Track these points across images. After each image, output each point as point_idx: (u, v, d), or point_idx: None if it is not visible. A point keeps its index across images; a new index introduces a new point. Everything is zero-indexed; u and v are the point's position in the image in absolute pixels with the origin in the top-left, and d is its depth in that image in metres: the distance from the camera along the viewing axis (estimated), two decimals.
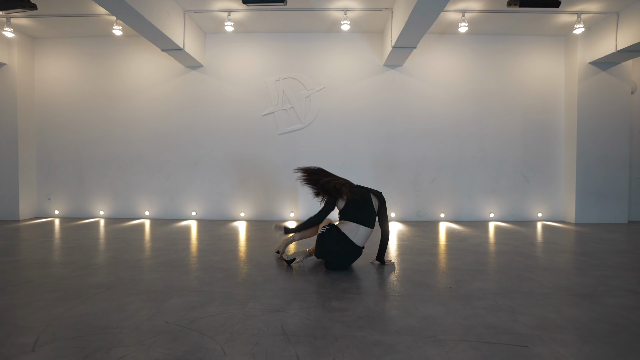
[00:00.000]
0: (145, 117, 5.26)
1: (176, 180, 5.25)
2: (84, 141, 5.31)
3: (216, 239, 3.74)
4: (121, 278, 2.36)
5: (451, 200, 5.21)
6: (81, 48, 5.30)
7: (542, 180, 5.24)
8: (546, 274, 2.48)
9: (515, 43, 5.20)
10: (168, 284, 2.24)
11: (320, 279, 2.36)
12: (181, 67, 5.22)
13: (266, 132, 5.19)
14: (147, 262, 2.79)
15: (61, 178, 5.34)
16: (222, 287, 2.20)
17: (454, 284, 2.28)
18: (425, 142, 5.18)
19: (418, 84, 5.18)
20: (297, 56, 5.18)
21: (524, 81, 5.22)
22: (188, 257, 2.94)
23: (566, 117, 5.19)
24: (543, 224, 4.91)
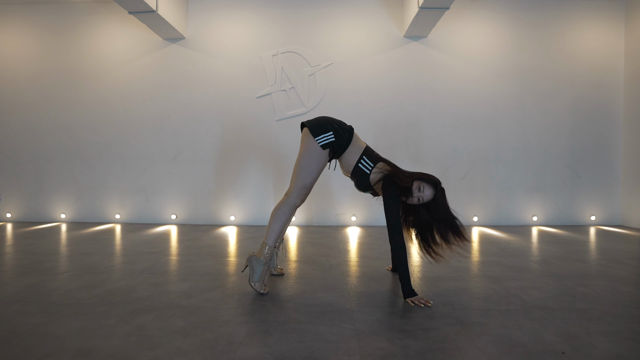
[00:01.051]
0: (115, 100, 4.35)
1: (153, 176, 4.35)
2: (41, 130, 4.40)
3: (194, 254, 2.83)
4: (15, 331, 1.45)
5: (486, 201, 4.29)
6: (39, 16, 4.38)
7: (597, 177, 4.32)
8: None
9: (562, 10, 4.28)
10: (85, 347, 1.33)
11: (341, 334, 1.44)
12: (158, 40, 4.31)
13: (262, 118, 4.28)
14: (78, 295, 1.88)
15: (14, 174, 4.43)
16: (175, 352, 1.29)
17: (562, 341, 1.36)
18: (454, 131, 4.26)
19: (446, 60, 4.26)
20: (299, 26, 4.26)
21: (575, 55, 4.29)
22: (142, 286, 2.03)
23: (627, 98, 4.26)
24: (599, 230, 4.00)
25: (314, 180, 1.96)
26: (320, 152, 1.94)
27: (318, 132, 1.94)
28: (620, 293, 1.92)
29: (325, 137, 1.93)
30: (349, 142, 1.98)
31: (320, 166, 1.97)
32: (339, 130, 1.96)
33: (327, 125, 1.96)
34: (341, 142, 1.96)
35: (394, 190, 1.83)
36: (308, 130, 1.97)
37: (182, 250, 2.97)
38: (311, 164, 1.93)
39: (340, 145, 1.96)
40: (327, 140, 1.93)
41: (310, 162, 1.93)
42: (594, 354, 1.29)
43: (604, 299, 1.84)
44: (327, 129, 1.95)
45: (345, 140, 1.96)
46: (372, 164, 1.96)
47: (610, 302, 1.79)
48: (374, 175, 1.95)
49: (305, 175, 1.93)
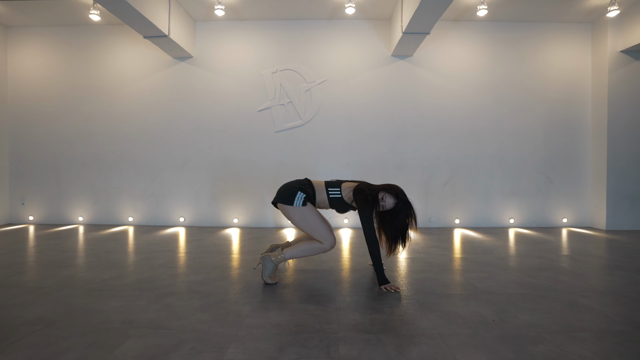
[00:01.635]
0: (128, 113, 4.78)
1: (163, 182, 4.76)
2: (61, 140, 4.82)
3: (202, 251, 3.24)
4: (71, 308, 1.86)
5: (467, 205, 4.70)
6: (58, 37, 4.82)
7: (568, 182, 4.73)
8: (607, 301, 1.97)
9: (536, 31, 4.71)
10: (128, 318, 1.74)
11: (325, 310, 1.85)
12: (168, 58, 4.74)
13: (262, 130, 4.70)
14: (112, 283, 2.29)
15: (36, 180, 4.85)
16: (197, 321, 1.70)
17: (495, 315, 1.77)
18: (438, 141, 4.68)
19: (430, 76, 4.69)
20: (296, 46, 4.70)
21: (547, 73, 4.72)
22: (164, 277, 2.44)
23: (594, 111, 4.69)
24: (570, 231, 4.40)
25: (326, 225, 2.29)
26: (307, 209, 2.27)
27: (290, 200, 2.26)
28: (557, 282, 2.33)
29: (298, 198, 2.26)
30: (314, 190, 2.34)
31: (318, 216, 2.29)
32: (302, 187, 2.31)
33: (292, 189, 2.29)
34: (310, 193, 2.31)
35: (363, 201, 2.19)
36: (282, 204, 2.28)
37: (192, 248, 3.38)
38: (313, 219, 2.25)
39: (311, 195, 2.31)
40: (301, 199, 2.27)
41: (311, 219, 2.25)
42: (514, 322, 1.70)
43: (542, 286, 2.25)
44: (294, 193, 2.28)
45: (311, 190, 2.32)
46: (338, 189, 2.33)
47: (546, 288, 2.20)
48: (345, 194, 2.32)
49: (321, 228, 2.25)
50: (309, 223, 2.26)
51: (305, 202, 2.27)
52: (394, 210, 2.23)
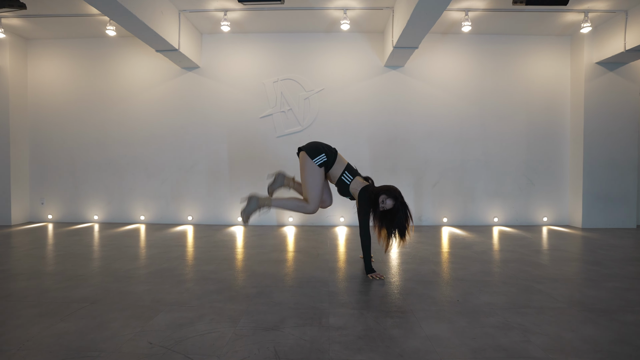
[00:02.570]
0: (140, 119, 5.15)
1: (172, 184, 5.13)
2: (78, 144, 5.19)
3: (211, 246, 3.61)
4: (108, 290, 2.23)
5: (454, 204, 5.07)
6: (75, 49, 5.19)
7: (548, 184, 5.10)
8: (557, 286, 2.34)
9: (519, 43, 5.07)
10: (156, 298, 2.11)
11: (318, 292, 2.22)
12: (177, 69, 5.10)
13: (264, 135, 5.07)
14: (137, 272, 2.66)
15: (55, 182, 5.22)
16: (214, 300, 2.07)
17: (460, 297, 2.14)
18: (427, 145, 5.05)
19: (420, 85, 5.06)
20: (296, 57, 5.06)
21: (529, 82, 5.09)
22: (180, 267, 2.81)
23: (572, 118, 5.05)
24: (549, 229, 4.77)
25: (321, 192, 2.63)
26: (319, 170, 2.61)
27: (314, 155, 2.59)
28: (520, 271, 2.70)
29: (319, 158, 2.60)
30: (335, 160, 2.68)
31: (321, 181, 2.61)
32: (328, 152, 2.66)
33: (320, 149, 2.63)
34: (331, 161, 2.64)
35: (366, 201, 2.51)
36: (305, 154, 2.63)
37: (201, 244, 3.75)
38: (315, 180, 2.59)
39: (330, 163, 2.65)
40: (322, 160, 2.60)
41: (314, 179, 2.59)
42: (474, 301, 2.07)
43: (506, 274, 2.62)
44: (320, 152, 2.61)
45: (332, 159, 2.66)
46: (351, 177, 2.67)
47: (508, 276, 2.57)
48: (352, 186, 2.66)
49: (316, 191, 2.59)
50: (311, 181, 2.58)
51: (322, 164, 2.60)
52: (392, 209, 2.50)
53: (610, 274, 2.62)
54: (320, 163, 2.61)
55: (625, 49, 4.30)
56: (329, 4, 4.26)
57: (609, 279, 2.50)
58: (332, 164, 2.65)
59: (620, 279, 2.50)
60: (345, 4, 4.26)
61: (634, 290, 2.25)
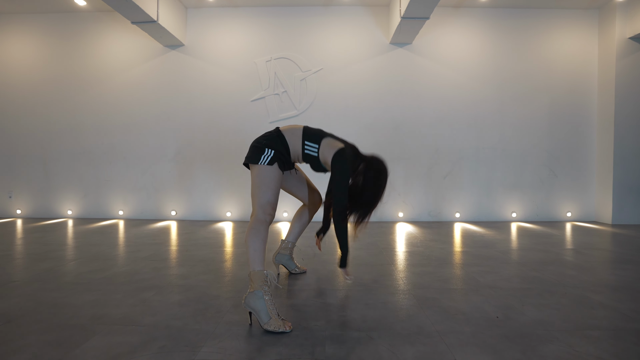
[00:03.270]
0: (118, 103, 4.62)
1: (154, 175, 4.61)
2: (49, 131, 4.67)
3: (190, 244, 3.09)
4: (40, 302, 1.72)
5: (468, 198, 4.55)
6: (46, 25, 4.65)
7: (572, 175, 4.57)
8: (621, 297, 1.82)
9: (540, 18, 4.53)
10: (98, 313, 1.59)
11: (312, 305, 1.71)
12: (159, 46, 4.57)
13: (256, 120, 4.54)
14: (89, 276, 2.14)
15: (24, 173, 4.70)
16: (172, 317, 1.55)
17: (498, 312, 1.62)
18: (437, 132, 4.52)
19: (429, 65, 4.52)
20: (291, 33, 4.53)
21: (551, 61, 4.55)
22: (145, 270, 2.29)
23: (600, 101, 4.51)
24: (574, 225, 4.25)
25: (274, 194, 1.77)
26: (269, 169, 1.77)
27: (257, 157, 1.78)
28: (564, 276, 2.18)
29: (265, 156, 1.78)
30: (285, 142, 1.83)
31: (275, 180, 1.79)
32: (270, 141, 1.82)
33: (258, 146, 1.81)
34: (281, 147, 1.81)
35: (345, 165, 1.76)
36: (251, 164, 1.80)
37: (181, 241, 3.23)
38: (265, 180, 1.76)
39: (282, 150, 1.81)
40: (269, 156, 1.78)
41: (263, 179, 1.76)
42: (520, 319, 1.55)
43: (548, 280, 2.10)
44: (261, 150, 1.80)
45: (282, 143, 1.82)
46: (316, 145, 1.84)
47: (552, 283, 2.05)
48: (322, 154, 1.83)
49: (264, 192, 1.74)
50: (261, 183, 1.75)
51: (273, 161, 1.78)
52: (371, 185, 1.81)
53: None
54: (269, 160, 1.78)
55: None
56: None
57: None
58: (286, 149, 1.83)
59: None
60: None
61: None
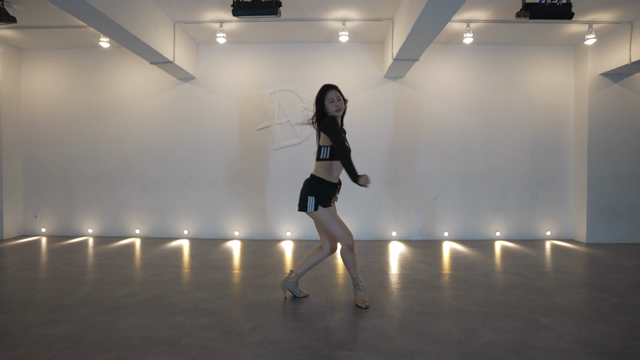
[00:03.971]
0: (135, 131, 5.05)
1: (168, 196, 5.03)
2: (72, 156, 5.10)
3: (206, 267, 3.50)
4: (93, 326, 2.13)
5: (455, 218, 4.97)
6: (69, 59, 5.09)
7: (551, 198, 4.99)
8: (565, 320, 2.23)
9: (521, 53, 4.97)
10: (144, 336, 2.01)
11: (314, 327, 2.12)
12: (173, 79, 5.01)
13: (262, 147, 4.97)
14: (126, 300, 2.56)
15: (48, 194, 5.13)
16: (204, 339, 1.97)
17: (462, 334, 2.04)
18: (428, 158, 4.94)
19: (420, 97, 4.96)
20: (294, 67, 4.96)
21: (532, 93, 4.98)
22: (172, 294, 2.71)
23: (576, 131, 4.95)
24: (552, 244, 4.67)
25: (340, 226, 2.36)
26: (321, 211, 2.34)
27: (304, 206, 2.37)
28: (525, 300, 2.59)
29: (310, 204, 2.34)
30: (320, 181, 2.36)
31: (330, 217, 2.36)
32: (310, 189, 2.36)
33: (303, 196, 2.38)
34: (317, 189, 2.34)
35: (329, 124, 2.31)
36: (304, 212, 2.38)
37: (196, 263, 3.64)
38: (325, 219, 2.35)
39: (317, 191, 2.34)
40: (312, 204, 2.34)
41: (324, 220, 2.35)
42: (478, 340, 1.96)
43: (510, 304, 2.51)
44: (305, 199, 2.37)
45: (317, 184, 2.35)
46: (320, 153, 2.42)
47: (513, 307, 2.46)
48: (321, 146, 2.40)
49: (333, 227, 2.35)
50: (327, 223, 2.35)
51: (317, 205, 2.34)
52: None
53: (620, 304, 2.51)
54: (314, 207, 2.35)
55: (630, 61, 4.19)
56: (327, 15, 4.16)
57: (620, 311, 2.39)
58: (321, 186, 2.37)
59: (632, 310, 2.39)
60: (343, 15, 4.16)
61: None
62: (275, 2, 3.27)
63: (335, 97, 2.47)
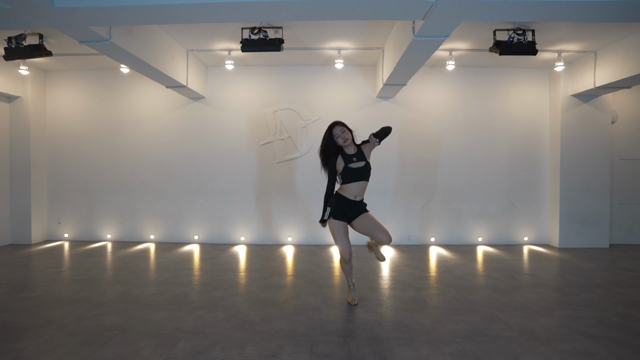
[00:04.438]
0: (150, 146, 5.55)
1: (179, 205, 5.53)
2: (92, 169, 5.60)
3: (217, 270, 4.00)
4: (133, 319, 2.63)
5: (441, 225, 5.47)
6: (90, 81, 5.60)
7: (528, 206, 5.49)
8: (516, 314, 2.73)
9: (501, 75, 5.48)
10: (175, 326, 2.51)
11: (312, 319, 2.62)
12: (184, 99, 5.51)
13: (265, 160, 5.47)
14: (155, 299, 3.05)
15: (71, 203, 5.63)
16: (224, 329, 2.46)
17: (430, 325, 2.54)
18: (416, 171, 5.45)
19: (409, 115, 5.46)
20: (294, 88, 5.47)
21: (511, 112, 5.49)
22: (192, 293, 3.21)
23: (550, 146, 5.45)
24: (529, 249, 5.17)
25: (343, 241, 2.74)
26: (332, 221, 2.76)
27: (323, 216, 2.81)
28: (489, 298, 3.09)
29: (326, 213, 2.78)
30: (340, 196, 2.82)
31: (339, 230, 2.74)
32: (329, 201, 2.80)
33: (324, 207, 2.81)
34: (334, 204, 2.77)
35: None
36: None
37: (208, 266, 4.14)
38: (334, 229, 2.76)
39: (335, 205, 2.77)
40: (328, 213, 2.77)
41: (333, 229, 2.77)
42: (442, 329, 2.46)
43: (475, 302, 3.01)
44: (324, 209, 2.80)
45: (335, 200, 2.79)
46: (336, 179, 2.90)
47: (477, 304, 2.96)
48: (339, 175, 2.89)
49: (338, 239, 2.76)
50: (332, 232, 2.79)
51: (330, 215, 2.75)
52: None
53: (566, 301, 3.02)
54: (328, 215, 2.78)
55: (595, 86, 4.70)
56: (324, 45, 4.66)
57: (564, 306, 2.89)
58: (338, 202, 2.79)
59: (573, 307, 2.89)
60: (339, 45, 4.67)
61: (580, 319, 2.64)
62: (278, 39, 3.77)
63: (340, 131, 2.81)
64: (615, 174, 5.57)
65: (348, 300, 2.96)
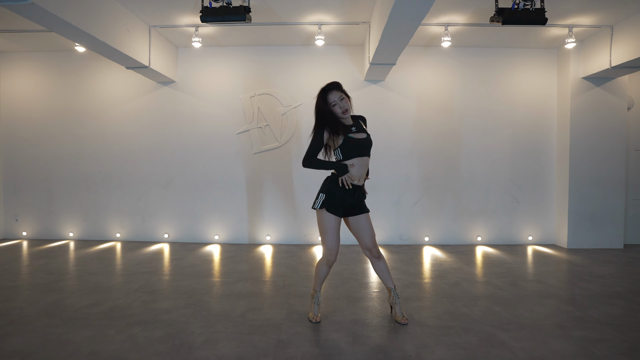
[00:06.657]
0: (115, 134, 5.03)
1: (148, 200, 5.02)
2: (52, 160, 5.08)
3: (178, 274, 3.49)
4: (46, 339, 2.12)
5: (436, 223, 4.94)
6: (48, 62, 5.06)
7: (533, 202, 4.96)
8: (522, 335, 2.21)
9: (504, 56, 4.92)
10: (95, 349, 2.00)
11: (267, 341, 2.11)
12: (152, 83, 4.97)
13: (241, 151, 4.94)
14: (87, 311, 2.55)
15: (29, 198, 5.12)
16: (152, 354, 1.96)
17: (414, 350, 2.02)
18: (408, 162, 4.91)
19: (401, 100, 4.92)
20: (273, 70, 4.93)
21: (514, 96, 4.94)
22: (135, 303, 2.70)
23: (558, 135, 4.90)
24: (534, 249, 4.64)
25: (332, 239, 2.23)
26: (322, 213, 2.23)
27: (314, 202, 2.28)
28: (488, 312, 2.57)
29: (318, 200, 2.24)
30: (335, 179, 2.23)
31: (330, 225, 2.21)
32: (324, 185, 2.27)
33: (320, 190, 2.27)
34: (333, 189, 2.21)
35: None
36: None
37: (169, 269, 3.63)
38: (324, 223, 2.23)
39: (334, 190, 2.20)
40: (320, 200, 2.22)
41: (322, 222, 2.23)
42: (428, 357, 1.95)
43: (472, 317, 2.49)
44: (317, 195, 2.26)
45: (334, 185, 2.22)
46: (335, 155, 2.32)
47: (474, 320, 2.45)
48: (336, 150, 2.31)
49: (327, 236, 2.24)
50: (320, 227, 2.26)
51: (323, 205, 2.21)
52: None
53: (583, 317, 2.49)
54: (319, 204, 2.23)
55: (611, 66, 4.14)
56: (302, 19, 4.11)
57: (580, 325, 2.37)
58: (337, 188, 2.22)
59: (593, 325, 2.37)
60: (319, 18, 4.11)
61: (603, 343, 2.12)
62: (244, 7, 3.23)
63: (337, 98, 2.29)
64: (631, 166, 5.02)
65: (309, 317, 2.42)
